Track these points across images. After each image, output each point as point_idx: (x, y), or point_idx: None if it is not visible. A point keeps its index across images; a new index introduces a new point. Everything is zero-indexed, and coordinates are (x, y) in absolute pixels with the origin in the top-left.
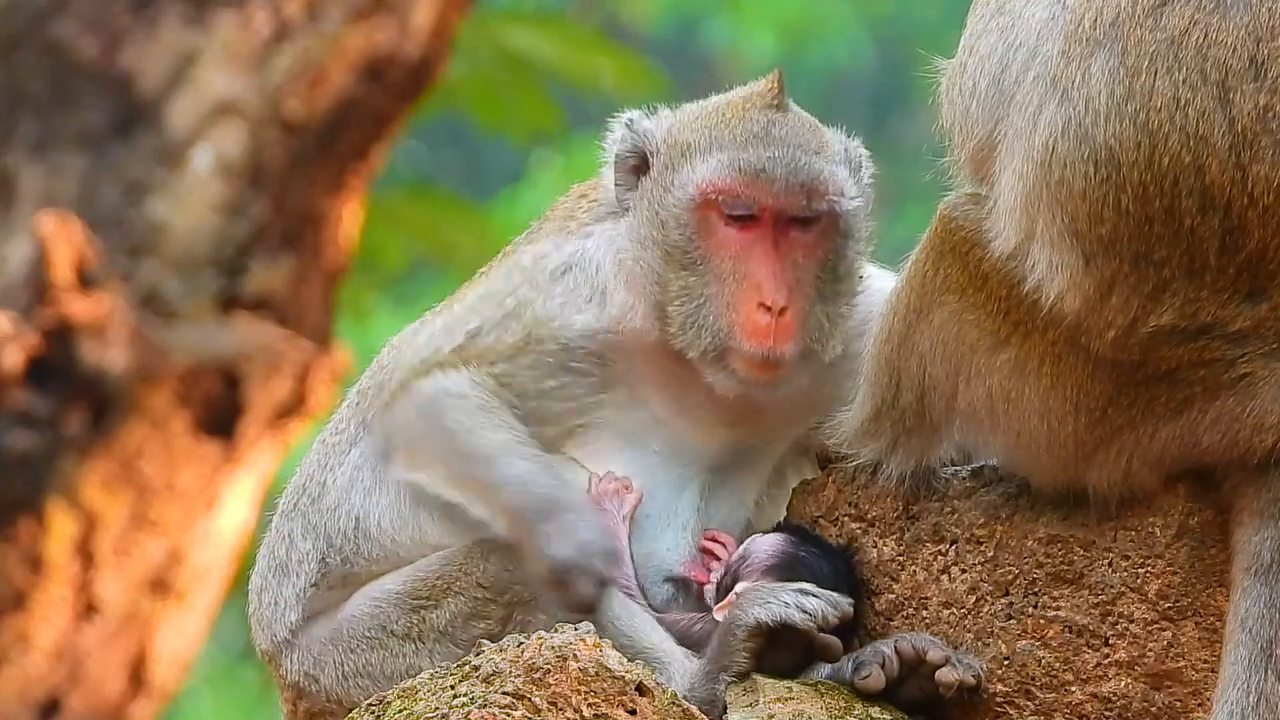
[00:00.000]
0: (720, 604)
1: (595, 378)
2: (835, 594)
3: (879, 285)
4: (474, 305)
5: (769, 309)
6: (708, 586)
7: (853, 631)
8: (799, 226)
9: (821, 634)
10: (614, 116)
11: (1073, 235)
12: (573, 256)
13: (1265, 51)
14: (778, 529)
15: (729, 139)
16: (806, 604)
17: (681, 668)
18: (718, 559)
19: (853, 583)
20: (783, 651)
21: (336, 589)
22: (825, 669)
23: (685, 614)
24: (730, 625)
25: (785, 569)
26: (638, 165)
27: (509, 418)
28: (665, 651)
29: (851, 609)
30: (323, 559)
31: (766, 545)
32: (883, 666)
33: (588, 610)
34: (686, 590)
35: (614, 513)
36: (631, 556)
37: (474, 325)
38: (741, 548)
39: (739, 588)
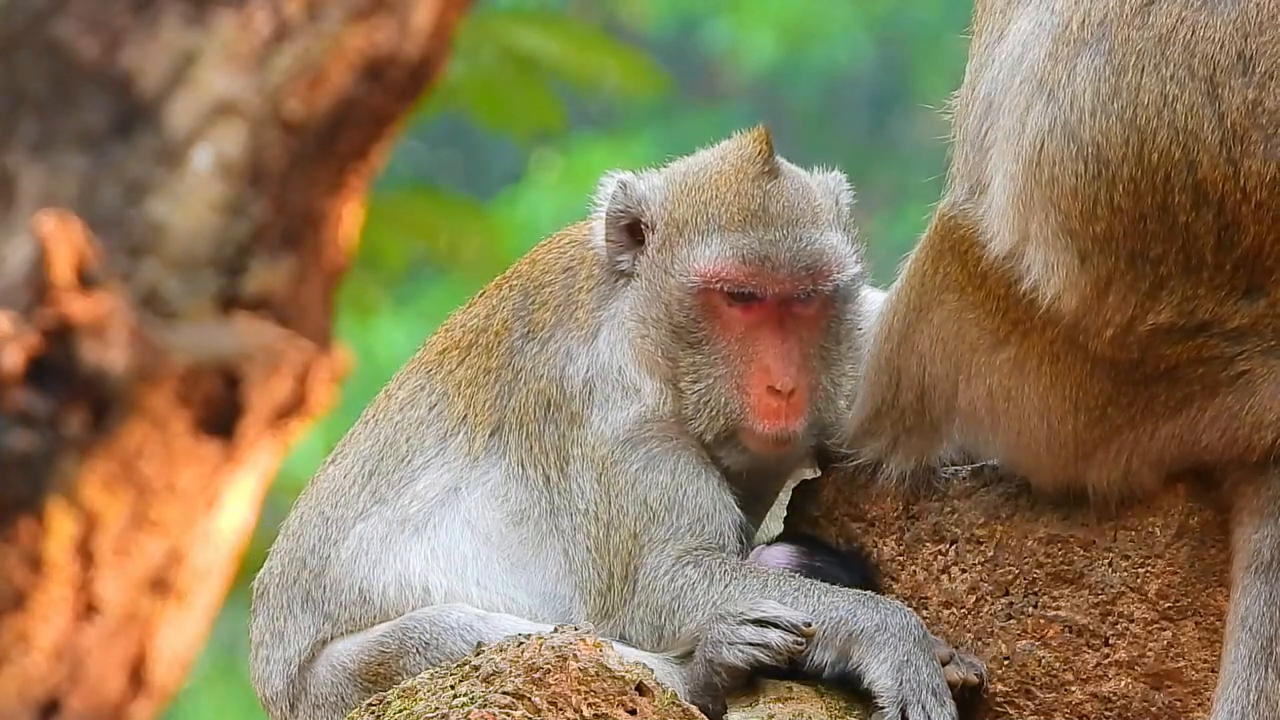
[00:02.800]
0: None
1: (680, 446)
2: (795, 615)
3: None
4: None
5: (779, 392)
6: None
7: None
8: (802, 303)
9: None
10: (614, 117)
11: (1067, 234)
12: (590, 371)
13: (1253, 46)
14: (782, 538)
15: (727, 220)
16: (770, 639)
17: (670, 682)
18: None
19: (866, 583)
20: (764, 673)
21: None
22: (827, 669)
23: None
24: (711, 662)
25: None
26: (631, 227)
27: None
28: (652, 663)
29: (811, 627)
30: (317, 632)
31: (780, 557)
32: None
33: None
34: None
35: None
36: None
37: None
38: (752, 558)
39: None
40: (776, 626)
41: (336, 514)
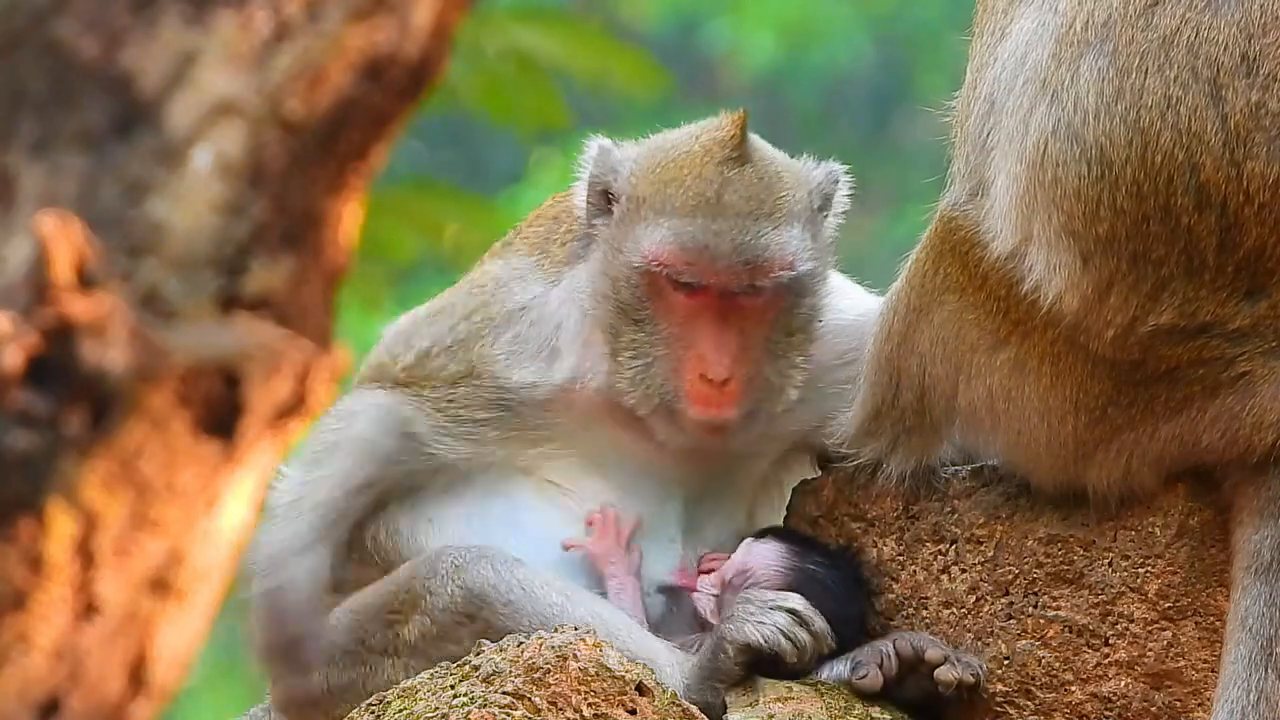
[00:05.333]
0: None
1: (533, 423)
2: (826, 625)
3: (850, 305)
4: (434, 317)
5: (712, 381)
6: (697, 595)
7: (861, 630)
8: (747, 295)
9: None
10: (614, 117)
11: (1069, 235)
12: (534, 302)
13: (1257, 48)
14: (771, 534)
15: (679, 204)
16: (799, 637)
17: (670, 671)
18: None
19: (859, 585)
20: (770, 667)
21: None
22: (825, 669)
23: (684, 637)
24: (723, 638)
25: (797, 588)
26: (605, 192)
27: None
28: (651, 654)
29: (835, 643)
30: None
31: (769, 558)
32: (881, 666)
33: None
34: (678, 601)
35: (620, 568)
36: (640, 583)
37: (425, 345)
38: (739, 556)
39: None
40: (808, 628)
41: None
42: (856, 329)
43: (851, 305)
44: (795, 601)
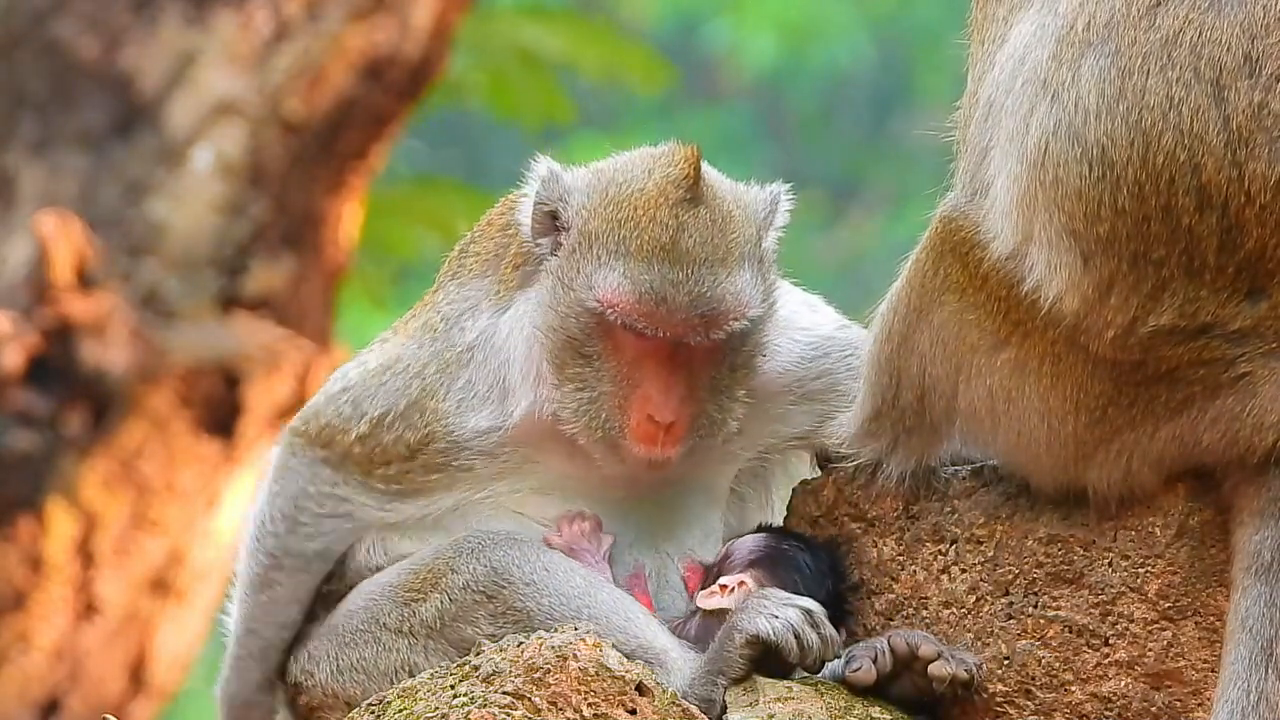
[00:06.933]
0: (706, 590)
1: (486, 468)
2: (834, 633)
3: (808, 329)
4: (385, 372)
5: (658, 422)
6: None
7: (841, 622)
8: (700, 343)
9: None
10: (615, 117)
11: (1070, 235)
12: (481, 339)
13: (1260, 48)
14: (755, 530)
15: (634, 248)
16: (808, 636)
17: (680, 665)
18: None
19: (837, 575)
20: (772, 665)
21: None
22: (824, 668)
23: (670, 619)
24: (731, 630)
25: (768, 562)
26: (553, 214)
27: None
28: (662, 648)
29: (841, 646)
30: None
31: (750, 542)
32: (875, 661)
33: None
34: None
35: (592, 552)
36: (610, 570)
37: (378, 412)
38: (724, 548)
39: (724, 579)
40: (819, 630)
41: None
42: (810, 355)
43: (810, 329)
44: (810, 603)
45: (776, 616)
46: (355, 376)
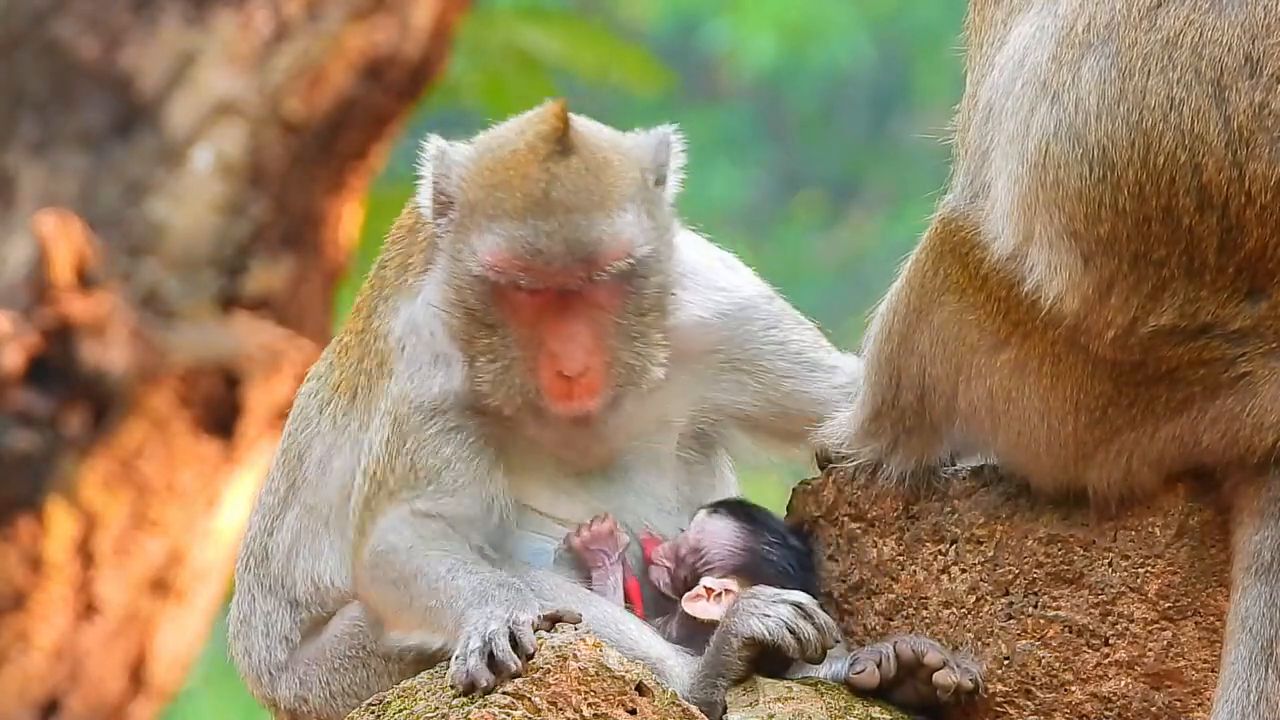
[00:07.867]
0: (690, 595)
1: (471, 431)
2: (828, 619)
3: (729, 289)
4: (389, 443)
5: (568, 376)
6: (653, 567)
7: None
8: (588, 287)
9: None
10: (613, 117)
11: (1070, 236)
12: (406, 328)
13: (1261, 49)
14: (724, 508)
15: (508, 207)
16: (803, 629)
17: (678, 671)
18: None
19: (810, 563)
20: (772, 662)
21: (320, 622)
22: (823, 667)
23: (654, 621)
24: (726, 635)
25: (750, 569)
26: (444, 191)
27: (445, 542)
28: (659, 655)
29: (838, 631)
30: (293, 613)
31: (722, 538)
32: (880, 666)
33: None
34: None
35: (608, 553)
36: (642, 591)
37: (400, 452)
38: (693, 531)
39: (708, 582)
40: (812, 621)
41: (269, 500)
42: (732, 315)
43: (730, 290)
44: (799, 595)
45: (769, 615)
46: (379, 447)
